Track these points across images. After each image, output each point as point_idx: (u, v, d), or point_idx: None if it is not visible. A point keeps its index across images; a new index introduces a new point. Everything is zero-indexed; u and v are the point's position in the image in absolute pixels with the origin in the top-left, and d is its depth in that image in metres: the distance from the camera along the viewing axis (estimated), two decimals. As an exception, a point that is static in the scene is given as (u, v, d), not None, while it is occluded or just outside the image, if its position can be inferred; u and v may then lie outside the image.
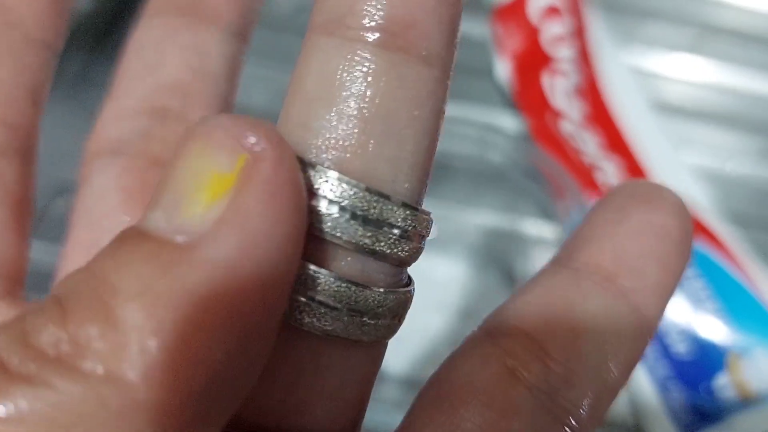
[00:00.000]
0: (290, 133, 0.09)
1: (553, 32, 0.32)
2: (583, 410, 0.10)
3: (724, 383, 0.25)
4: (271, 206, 0.08)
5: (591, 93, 0.31)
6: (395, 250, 0.09)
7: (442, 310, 0.27)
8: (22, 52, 0.13)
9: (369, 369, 0.10)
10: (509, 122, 0.33)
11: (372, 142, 0.09)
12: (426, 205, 0.10)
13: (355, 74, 0.09)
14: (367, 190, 0.09)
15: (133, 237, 0.08)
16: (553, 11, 0.32)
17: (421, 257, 0.10)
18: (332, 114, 0.09)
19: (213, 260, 0.07)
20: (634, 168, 0.30)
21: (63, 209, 0.16)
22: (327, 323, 0.09)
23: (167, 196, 0.08)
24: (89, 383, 0.07)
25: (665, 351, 0.25)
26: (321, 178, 0.09)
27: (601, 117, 0.31)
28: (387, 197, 0.09)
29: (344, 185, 0.09)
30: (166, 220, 0.08)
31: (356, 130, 0.09)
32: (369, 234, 0.09)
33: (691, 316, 0.25)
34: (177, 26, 0.13)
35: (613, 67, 0.33)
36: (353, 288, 0.09)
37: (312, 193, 0.09)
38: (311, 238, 0.09)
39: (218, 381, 0.08)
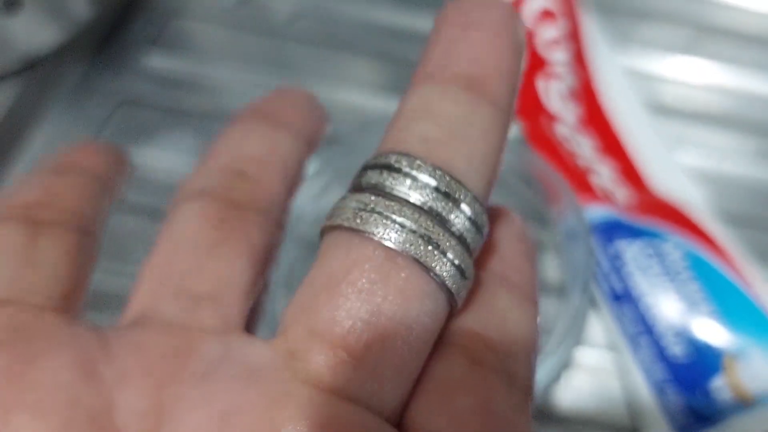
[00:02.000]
0: (392, 133, 0.13)
1: (548, 35, 0.32)
2: (527, 377, 0.13)
3: (720, 385, 0.25)
4: None
5: (586, 96, 0.32)
6: (465, 233, 0.12)
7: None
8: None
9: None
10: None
11: (455, 142, 0.12)
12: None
13: (444, 103, 0.13)
14: (446, 172, 0.12)
15: None
16: (547, 14, 0.32)
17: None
18: (427, 124, 0.12)
19: None
20: (629, 170, 0.30)
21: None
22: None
23: None
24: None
25: (661, 354, 0.25)
26: (407, 159, 0.12)
27: (595, 120, 0.31)
28: (461, 182, 0.12)
29: (429, 166, 0.12)
30: None
31: (443, 135, 0.12)
32: (446, 206, 0.12)
33: (686, 319, 0.25)
34: (257, 127, 0.16)
35: (609, 69, 0.33)
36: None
37: (399, 169, 0.12)
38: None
39: None
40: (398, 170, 0.12)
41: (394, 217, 0.11)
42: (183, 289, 0.13)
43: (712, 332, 0.25)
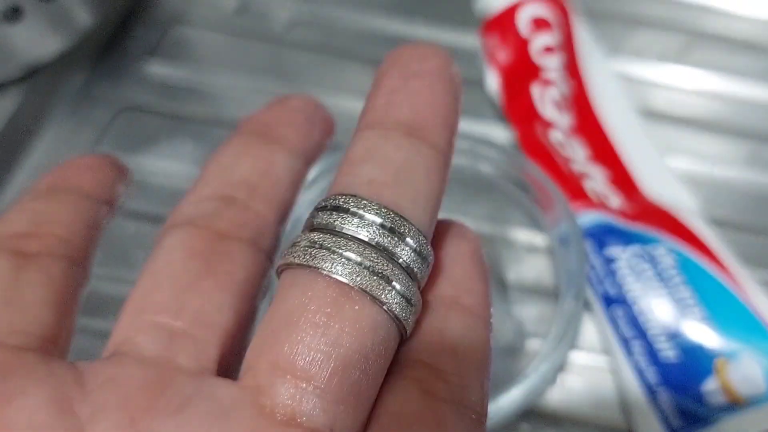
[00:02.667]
0: (341, 177, 0.13)
1: (542, 43, 0.32)
2: (479, 403, 0.13)
3: (712, 387, 0.25)
4: None
5: (578, 103, 0.32)
6: (411, 264, 0.13)
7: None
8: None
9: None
10: (499, 133, 0.33)
11: (400, 183, 0.13)
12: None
13: (388, 147, 0.13)
14: (391, 209, 0.13)
15: None
16: (541, 22, 0.32)
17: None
18: (373, 168, 0.13)
19: None
20: (621, 176, 0.30)
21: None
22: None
23: None
24: None
25: (654, 357, 0.26)
26: (355, 200, 0.13)
27: (587, 128, 0.31)
28: (406, 218, 0.13)
29: (375, 205, 0.13)
30: None
31: (389, 177, 0.13)
32: (391, 241, 0.13)
33: (678, 323, 0.26)
34: (252, 143, 0.16)
35: (601, 76, 0.33)
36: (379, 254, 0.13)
37: (347, 209, 0.13)
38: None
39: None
40: (346, 210, 0.13)
41: (341, 251, 0.12)
42: (159, 324, 0.13)
43: (703, 335, 0.26)
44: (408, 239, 0.13)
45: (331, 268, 0.12)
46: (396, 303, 0.12)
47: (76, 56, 0.34)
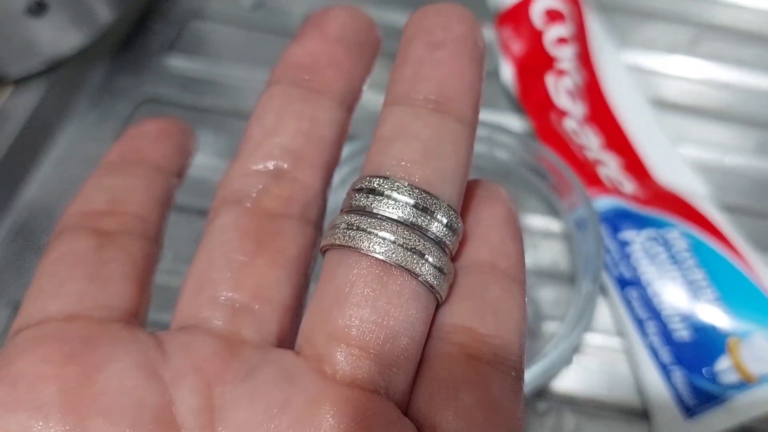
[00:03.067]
0: (373, 156, 0.14)
1: (556, 34, 0.33)
2: (518, 361, 0.14)
3: (725, 366, 0.26)
4: None
5: (591, 93, 0.33)
6: (442, 237, 0.14)
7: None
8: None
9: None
10: (515, 123, 0.34)
11: (429, 160, 0.14)
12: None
13: (416, 125, 0.14)
14: (423, 188, 0.13)
15: None
16: (555, 14, 0.33)
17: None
18: (403, 146, 0.14)
19: None
20: (634, 164, 0.31)
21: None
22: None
23: None
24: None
25: (668, 338, 0.26)
26: (389, 181, 0.13)
27: (600, 117, 0.32)
28: (437, 197, 0.13)
29: (408, 186, 0.13)
30: None
31: (418, 156, 0.14)
32: (423, 218, 0.13)
33: (692, 304, 0.27)
34: (294, 96, 0.16)
35: (613, 67, 0.34)
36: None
37: (382, 191, 0.13)
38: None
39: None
40: (381, 192, 0.13)
41: (377, 232, 0.13)
42: (221, 300, 0.14)
43: (716, 316, 0.26)
44: (438, 215, 0.13)
45: (369, 247, 0.13)
46: (430, 274, 0.13)
47: (97, 50, 0.35)
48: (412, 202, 0.13)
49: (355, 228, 0.13)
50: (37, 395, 0.12)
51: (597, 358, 0.28)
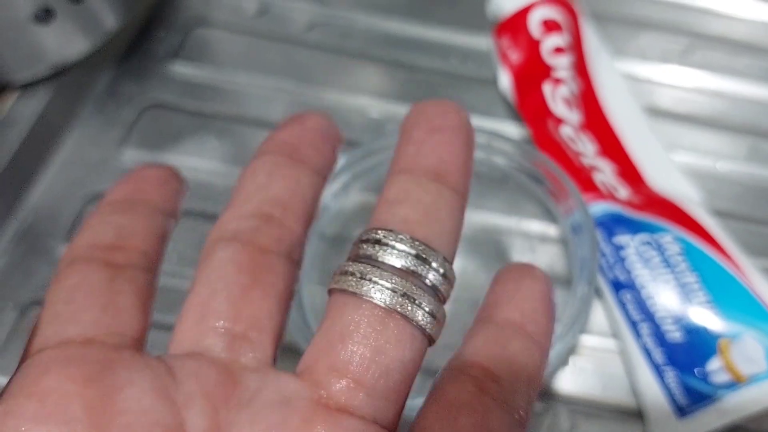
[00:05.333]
0: (379, 215, 0.16)
1: (553, 43, 0.34)
2: (523, 408, 0.16)
3: (716, 367, 0.26)
4: None
5: (586, 101, 0.33)
6: (436, 284, 0.16)
7: (454, 302, 0.28)
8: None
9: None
10: (513, 130, 0.35)
11: (429, 221, 0.16)
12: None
13: (418, 191, 0.16)
14: (420, 240, 0.15)
15: None
16: (552, 24, 0.34)
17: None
18: (406, 208, 0.16)
19: None
20: (628, 170, 0.32)
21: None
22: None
23: None
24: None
25: (662, 339, 0.27)
26: (392, 234, 0.15)
27: (595, 124, 0.33)
28: (433, 248, 0.16)
29: (408, 238, 0.15)
30: None
31: (419, 216, 0.16)
32: (418, 266, 0.15)
33: (684, 307, 0.27)
34: (281, 163, 0.18)
35: (608, 75, 0.35)
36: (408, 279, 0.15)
37: (385, 243, 0.15)
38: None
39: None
40: (386, 243, 0.15)
41: (382, 282, 0.15)
42: (221, 329, 0.16)
43: (707, 318, 0.27)
44: (435, 264, 0.15)
45: (374, 294, 0.15)
46: (425, 321, 0.15)
47: (102, 57, 0.35)
48: (413, 252, 0.15)
49: (365, 278, 0.15)
50: (65, 410, 0.13)
51: (592, 358, 0.29)
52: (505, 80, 0.34)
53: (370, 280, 0.15)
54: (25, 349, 0.15)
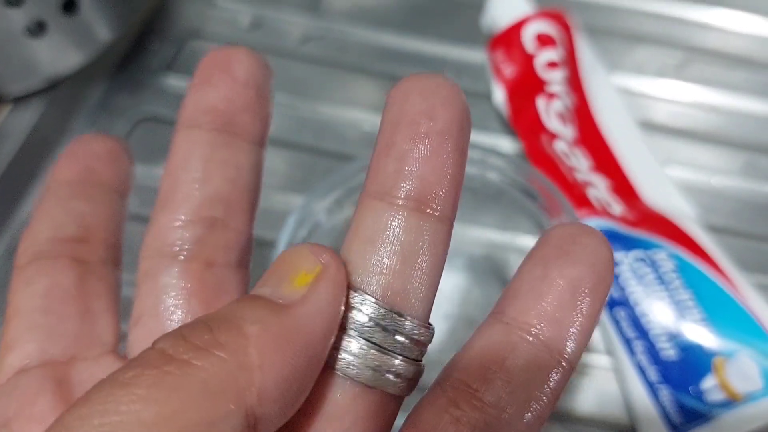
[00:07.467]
0: (349, 255, 0.14)
1: (547, 58, 0.34)
2: None
3: (711, 385, 0.26)
4: (332, 292, 0.13)
5: (580, 116, 0.33)
6: (405, 353, 0.14)
7: (447, 318, 0.28)
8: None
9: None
10: (506, 144, 0.34)
11: (398, 273, 0.14)
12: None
13: (395, 230, 0.14)
14: (387, 308, 0.13)
15: (251, 298, 0.13)
16: (546, 39, 0.34)
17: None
18: (377, 254, 0.14)
19: (299, 314, 0.12)
20: (622, 185, 0.32)
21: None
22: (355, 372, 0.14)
23: (273, 279, 0.13)
24: (223, 364, 0.11)
25: (656, 356, 0.27)
26: (359, 296, 0.14)
27: (589, 139, 0.33)
28: (401, 314, 0.13)
29: (374, 304, 0.13)
30: (271, 292, 0.13)
31: (388, 264, 0.14)
32: (385, 338, 0.14)
33: (678, 324, 0.27)
34: (217, 143, 0.16)
35: (602, 90, 0.34)
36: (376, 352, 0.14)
37: (352, 306, 0.14)
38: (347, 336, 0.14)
39: (294, 375, 0.12)
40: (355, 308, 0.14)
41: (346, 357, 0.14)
42: None
43: (702, 335, 0.27)
44: (407, 324, 0.14)
45: (349, 372, 0.14)
46: (397, 388, 0.14)
47: (95, 70, 0.35)
48: (383, 324, 0.14)
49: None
50: None
51: (587, 376, 0.29)
52: (499, 95, 0.34)
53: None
54: None
